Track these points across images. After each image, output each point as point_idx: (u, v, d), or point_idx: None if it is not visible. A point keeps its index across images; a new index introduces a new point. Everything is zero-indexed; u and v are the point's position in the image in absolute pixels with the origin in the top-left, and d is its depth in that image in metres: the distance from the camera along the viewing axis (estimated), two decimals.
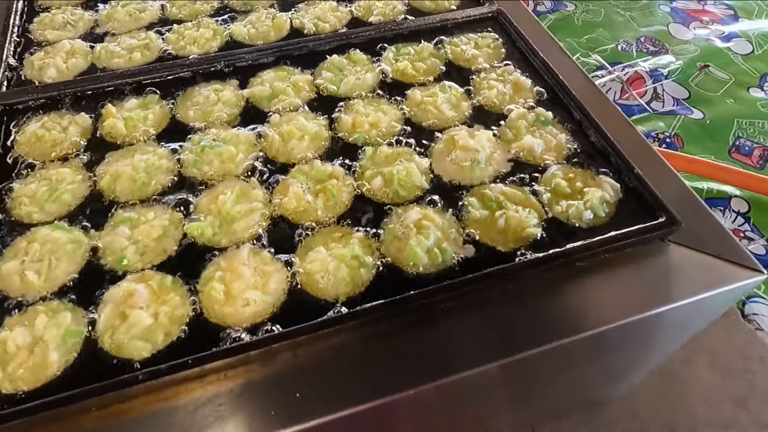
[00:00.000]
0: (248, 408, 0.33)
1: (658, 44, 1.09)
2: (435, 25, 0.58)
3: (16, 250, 0.40)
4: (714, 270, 0.40)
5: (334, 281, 0.38)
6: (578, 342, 0.37)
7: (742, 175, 0.84)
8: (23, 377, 0.34)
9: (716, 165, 0.85)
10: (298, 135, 0.47)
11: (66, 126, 0.48)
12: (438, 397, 0.38)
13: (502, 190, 0.43)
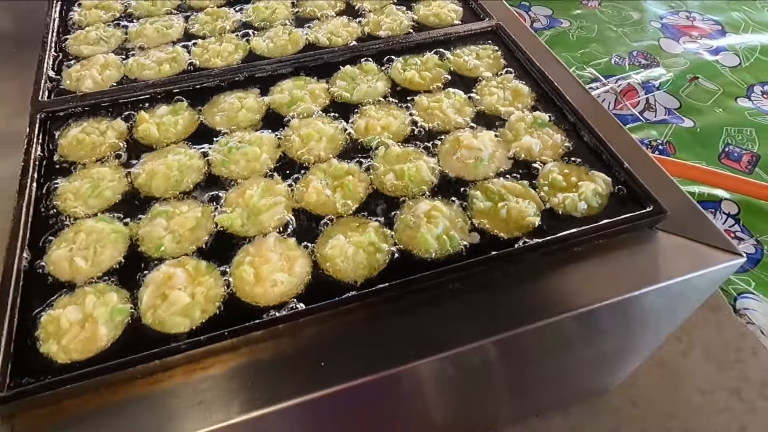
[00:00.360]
0: (277, 375, 0.37)
1: (650, 58, 1.14)
2: (439, 38, 0.63)
3: (64, 240, 0.44)
4: (698, 254, 0.44)
5: (352, 265, 0.42)
6: (574, 318, 0.41)
7: (732, 179, 0.89)
8: (76, 349, 0.38)
9: (707, 170, 0.90)
10: (316, 137, 0.51)
11: (104, 130, 0.53)
12: (446, 370, 0.41)
13: (504, 184, 0.48)
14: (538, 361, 0.48)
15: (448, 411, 0.52)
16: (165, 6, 0.69)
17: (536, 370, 0.51)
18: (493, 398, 0.56)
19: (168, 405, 0.36)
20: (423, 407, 0.48)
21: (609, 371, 0.60)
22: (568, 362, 0.52)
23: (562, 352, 0.48)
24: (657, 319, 0.48)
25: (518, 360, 0.46)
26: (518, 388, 0.55)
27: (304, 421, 0.39)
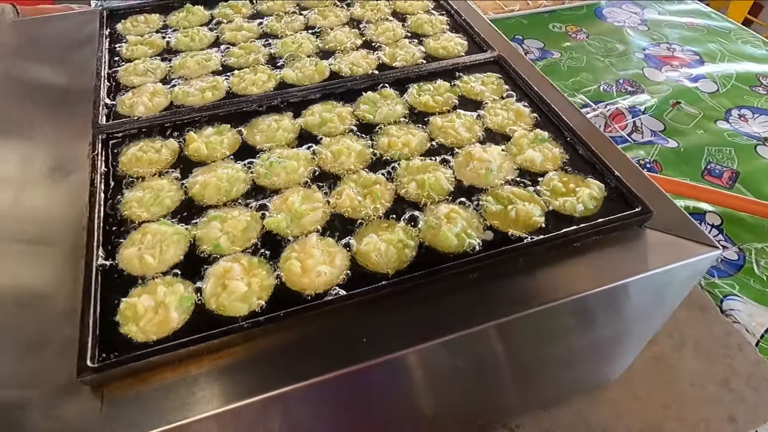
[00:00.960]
0: (326, 349, 0.43)
1: (635, 85, 1.24)
2: (448, 67, 0.72)
3: (132, 241, 0.50)
4: (681, 247, 0.51)
5: (385, 259, 0.49)
6: (575, 302, 0.47)
7: (715, 194, 0.97)
8: (152, 330, 0.44)
9: (692, 185, 0.98)
10: (346, 152, 0.59)
11: (159, 149, 0.60)
12: (467, 349, 0.48)
13: (512, 190, 0.55)
14: (544, 347, 0.55)
15: (465, 396, 0.58)
16: (202, 42, 0.78)
17: (542, 358, 0.57)
18: (502, 388, 0.61)
19: (231, 376, 0.42)
20: (442, 387, 0.54)
21: (608, 362, 0.66)
22: (570, 350, 0.58)
23: (565, 337, 0.54)
24: (647, 305, 0.54)
25: (526, 344, 0.52)
26: (525, 378, 0.61)
27: (350, 389, 0.45)
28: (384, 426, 0.54)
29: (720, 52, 1.34)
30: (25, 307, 0.47)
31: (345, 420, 0.50)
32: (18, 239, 0.52)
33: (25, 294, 0.48)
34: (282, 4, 0.86)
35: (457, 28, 0.81)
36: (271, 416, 0.44)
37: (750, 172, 1.02)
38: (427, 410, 0.56)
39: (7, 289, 0.48)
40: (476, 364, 0.52)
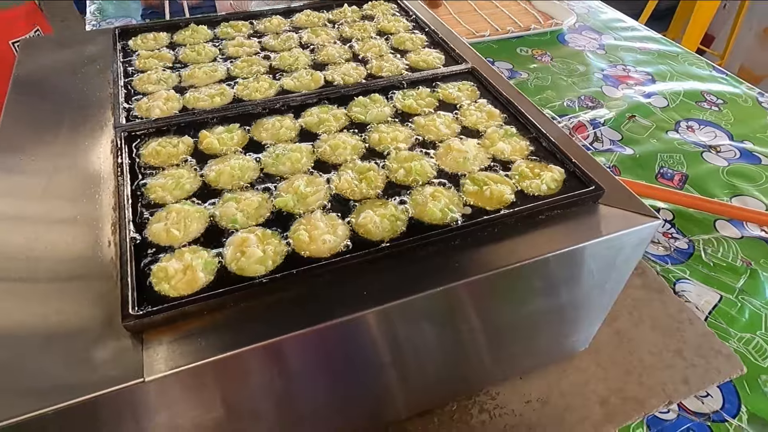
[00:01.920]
0: (334, 298, 0.51)
1: (595, 101, 1.37)
2: (428, 77, 0.82)
3: (159, 218, 0.58)
4: (629, 218, 0.61)
5: (380, 230, 0.57)
6: (539, 262, 0.56)
7: (667, 192, 1.08)
8: (181, 288, 0.50)
9: (647, 185, 1.09)
10: (343, 146, 0.68)
11: (176, 144, 0.67)
12: (451, 300, 0.56)
13: (486, 175, 0.64)
14: (517, 308, 0.63)
15: (450, 360, 0.66)
16: (207, 56, 0.86)
17: (516, 321, 0.65)
18: (482, 354, 0.69)
19: (251, 323, 0.49)
20: (430, 345, 0.61)
21: (574, 331, 0.74)
22: (539, 314, 0.66)
23: (534, 298, 0.63)
24: (603, 269, 0.63)
25: (502, 303, 0.61)
26: (501, 345, 0.69)
27: (352, 335, 0.53)
28: (378, 373, 0.61)
29: (669, 72, 1.49)
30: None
31: (345, 365, 0.57)
32: (55, 219, 0.59)
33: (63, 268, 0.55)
34: (278, 24, 0.96)
35: (434, 44, 0.92)
36: (285, 357, 0.51)
37: (697, 175, 1.15)
38: (418, 367, 0.63)
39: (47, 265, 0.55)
40: (460, 324, 0.60)
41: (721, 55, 3.45)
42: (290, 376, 0.54)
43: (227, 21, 0.96)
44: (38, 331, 0.48)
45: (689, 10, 3.30)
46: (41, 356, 0.46)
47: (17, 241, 0.57)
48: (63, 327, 0.49)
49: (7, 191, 0.63)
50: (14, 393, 0.43)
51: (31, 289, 0.52)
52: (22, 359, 0.46)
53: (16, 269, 0.54)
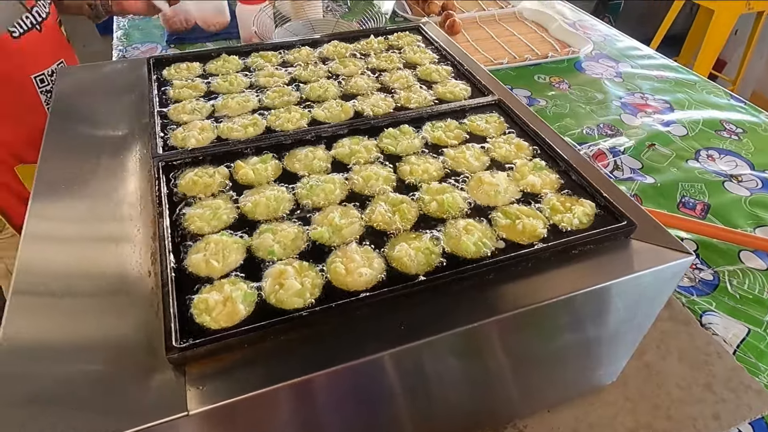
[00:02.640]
0: (369, 335, 0.51)
1: (614, 129, 1.38)
2: (456, 109, 0.83)
3: (197, 248, 0.59)
4: (661, 254, 0.61)
5: (415, 263, 0.58)
6: (573, 299, 0.56)
7: (690, 223, 1.08)
8: (222, 320, 0.51)
9: (670, 215, 1.09)
10: (375, 177, 0.69)
11: (212, 174, 0.69)
12: (486, 335, 0.56)
13: (518, 208, 0.65)
14: (548, 341, 0.63)
15: (480, 392, 0.66)
16: (239, 86, 0.89)
17: (547, 354, 0.65)
18: (512, 386, 0.69)
19: (290, 356, 0.50)
20: (464, 379, 0.61)
21: (603, 365, 0.74)
22: (570, 348, 0.66)
23: (565, 332, 0.63)
24: (635, 304, 0.63)
25: (534, 337, 0.61)
26: (531, 378, 0.69)
27: (393, 366, 0.53)
28: (410, 405, 0.61)
29: (687, 101, 1.50)
30: None
31: (379, 397, 0.57)
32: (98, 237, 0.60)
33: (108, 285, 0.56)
34: (306, 54, 0.98)
35: (460, 76, 0.93)
36: (325, 390, 0.51)
37: (719, 205, 1.15)
38: (447, 400, 0.63)
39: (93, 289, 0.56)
40: (490, 358, 0.60)
41: (733, 80, 3.47)
42: (328, 407, 0.54)
43: (257, 51, 0.98)
44: (83, 358, 0.49)
45: (701, 36, 3.33)
46: (84, 386, 0.47)
47: (59, 268, 0.58)
48: (107, 355, 0.49)
49: (50, 217, 0.65)
50: (60, 422, 0.44)
51: (72, 317, 0.53)
52: (67, 386, 0.47)
53: (59, 292, 0.55)
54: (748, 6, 3.05)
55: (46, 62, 1.13)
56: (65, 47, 1.24)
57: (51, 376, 0.48)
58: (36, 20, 1.09)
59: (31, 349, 0.50)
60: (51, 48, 1.16)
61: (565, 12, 2.01)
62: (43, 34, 1.12)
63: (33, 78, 1.11)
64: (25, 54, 1.08)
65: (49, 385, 0.47)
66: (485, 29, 1.79)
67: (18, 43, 1.06)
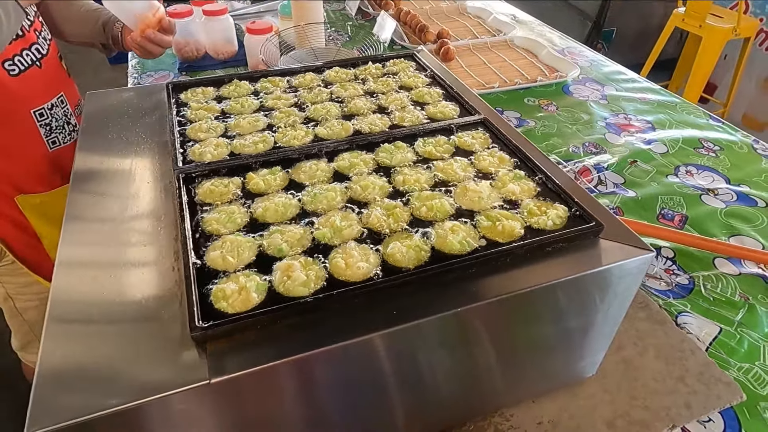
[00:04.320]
0: (367, 317, 0.59)
1: (599, 147, 1.47)
2: (446, 126, 0.92)
3: (215, 247, 0.67)
4: (626, 251, 0.69)
5: (407, 258, 0.65)
6: (549, 288, 0.64)
7: (668, 232, 1.16)
8: (237, 305, 0.59)
9: (650, 225, 1.17)
10: (372, 186, 0.77)
11: (227, 184, 0.77)
12: (470, 321, 0.64)
13: (498, 212, 0.73)
14: (528, 329, 0.70)
15: (468, 379, 0.73)
16: (250, 107, 0.98)
17: (527, 343, 0.73)
18: (498, 374, 0.76)
19: (297, 336, 0.57)
20: (451, 363, 0.69)
21: (582, 357, 0.81)
22: (548, 338, 0.73)
23: (542, 322, 0.70)
24: (605, 296, 0.71)
25: (514, 324, 0.68)
26: (515, 368, 0.76)
27: (386, 348, 0.60)
28: (401, 391, 0.68)
29: (668, 120, 1.59)
30: None
31: (373, 380, 0.64)
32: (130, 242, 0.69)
33: None
34: (311, 80, 1.08)
35: (450, 98, 1.03)
36: (326, 367, 0.58)
37: (697, 216, 1.23)
38: (437, 387, 0.70)
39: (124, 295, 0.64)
40: (476, 346, 0.67)
41: (724, 103, 3.58)
42: (328, 383, 0.61)
43: (266, 77, 1.08)
44: (121, 338, 0.57)
45: (691, 61, 3.45)
46: (118, 358, 0.54)
47: (92, 264, 0.66)
48: (140, 337, 0.57)
49: (90, 218, 0.73)
50: (102, 390, 0.51)
51: (108, 308, 0.61)
52: (107, 360, 0.54)
53: (100, 283, 0.63)
54: (735, 32, 3.19)
55: (46, 97, 1.15)
56: (65, 81, 1.25)
57: (95, 348, 0.55)
58: (36, 57, 1.11)
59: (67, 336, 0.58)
60: (51, 83, 1.18)
61: (554, 39, 2.13)
62: (44, 70, 1.14)
63: (32, 113, 1.11)
64: (24, 90, 1.10)
65: (92, 355, 0.55)
66: (478, 56, 1.90)
67: (18, 81, 1.06)
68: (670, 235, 1.15)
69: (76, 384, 0.52)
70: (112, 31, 1.30)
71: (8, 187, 1.11)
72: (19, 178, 1.12)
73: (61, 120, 1.20)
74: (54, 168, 1.19)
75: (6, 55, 1.02)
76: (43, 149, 1.16)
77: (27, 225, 1.15)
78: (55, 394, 0.51)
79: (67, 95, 1.23)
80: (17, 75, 1.08)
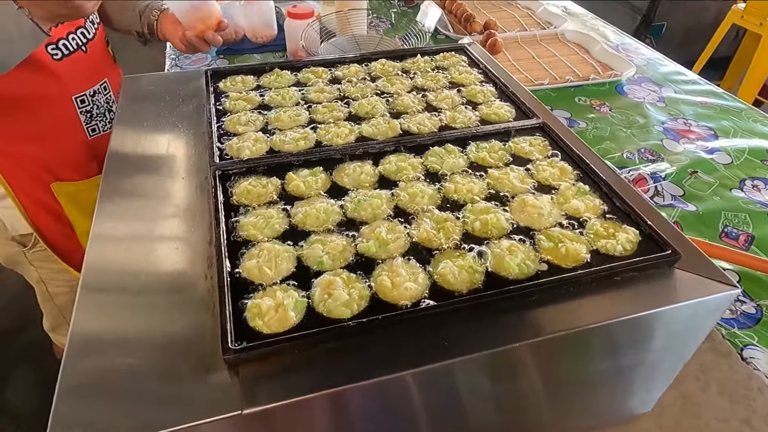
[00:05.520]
0: (415, 349, 0.53)
1: (656, 154, 1.37)
2: (500, 130, 0.85)
3: (251, 255, 0.62)
4: (705, 285, 0.61)
5: (458, 281, 0.59)
6: (613, 325, 0.57)
7: (733, 253, 1.06)
8: (274, 325, 0.54)
9: (712, 245, 1.08)
10: (420, 194, 0.71)
11: (265, 184, 0.72)
12: (526, 355, 0.57)
13: (561, 232, 0.66)
14: (587, 366, 0.63)
15: (516, 413, 0.67)
16: (291, 100, 0.92)
17: (585, 379, 0.66)
18: (548, 407, 0.70)
19: (337, 364, 0.52)
20: (502, 396, 0.62)
21: (639, 392, 0.74)
22: (607, 373, 0.66)
23: (604, 358, 0.63)
24: (675, 334, 0.63)
25: (573, 361, 0.61)
26: (568, 400, 0.70)
27: (433, 381, 0.55)
28: (445, 422, 0.62)
29: (733, 128, 1.47)
30: None
31: (418, 412, 0.59)
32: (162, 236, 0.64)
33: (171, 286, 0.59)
34: (355, 71, 1.02)
35: (504, 97, 0.95)
36: (367, 400, 0.53)
37: (764, 237, 1.12)
38: (485, 420, 0.64)
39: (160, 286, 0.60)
40: (528, 379, 0.61)
41: None
42: (368, 416, 0.56)
43: (308, 67, 1.02)
44: (146, 357, 0.52)
45: (747, 60, 3.25)
46: (146, 381, 0.50)
47: (120, 268, 0.62)
48: (166, 353, 0.53)
49: (118, 217, 0.69)
50: (123, 413, 0.47)
51: (133, 315, 0.57)
52: (131, 381, 0.50)
53: (127, 291, 0.59)
54: None
55: (89, 83, 1.10)
56: (110, 67, 1.21)
57: (115, 370, 0.51)
58: (82, 41, 1.07)
59: (99, 344, 0.54)
60: (95, 69, 1.14)
61: (607, 34, 2.01)
62: (89, 55, 1.11)
63: (74, 99, 1.08)
64: (67, 76, 1.06)
65: (112, 379, 0.50)
66: (526, 49, 1.80)
67: (61, 66, 1.03)
68: (735, 257, 1.06)
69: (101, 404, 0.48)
70: (148, 19, 1.26)
71: (45, 174, 1.08)
72: (56, 165, 1.09)
73: (102, 107, 1.14)
74: (91, 156, 1.14)
75: (50, 38, 0.98)
76: (82, 136, 1.11)
77: (62, 213, 1.12)
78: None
79: (111, 82, 1.19)
80: (60, 59, 1.04)
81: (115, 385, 0.50)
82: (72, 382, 0.50)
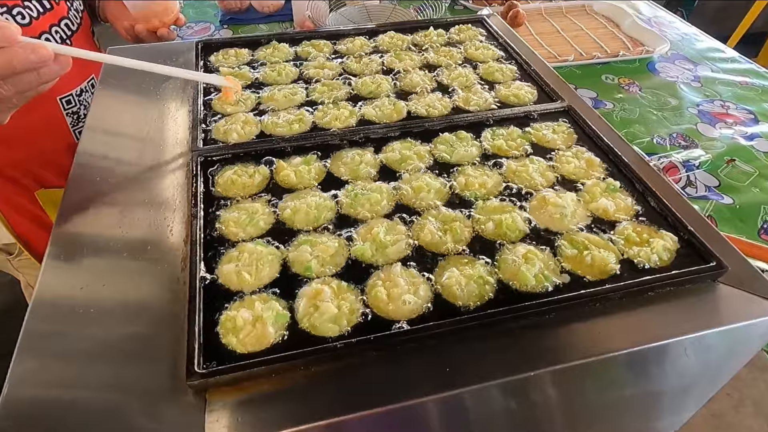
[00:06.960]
0: (409, 375, 0.45)
1: (689, 140, 1.26)
2: (520, 114, 0.75)
3: (230, 257, 0.54)
4: (755, 304, 0.52)
5: (465, 293, 0.51)
6: (645, 351, 0.49)
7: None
8: (249, 343, 0.47)
9: (750, 243, 0.98)
10: (426, 189, 0.62)
11: (252, 174, 0.64)
12: (540, 383, 0.49)
13: (587, 236, 0.57)
14: (612, 392, 0.56)
15: None
16: (288, 77, 0.84)
17: (609, 403, 0.58)
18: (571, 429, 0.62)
19: (319, 393, 0.45)
20: (513, 425, 0.55)
21: (668, 414, 0.66)
22: (636, 398, 0.58)
23: (632, 384, 0.55)
24: (716, 359, 0.55)
25: (598, 387, 0.53)
26: (592, 422, 0.62)
27: (432, 413, 0.47)
28: None
29: None
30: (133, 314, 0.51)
31: None
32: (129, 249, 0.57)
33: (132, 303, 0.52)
34: (360, 45, 0.92)
35: (526, 77, 0.85)
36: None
37: None
38: None
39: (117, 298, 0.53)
40: (547, 406, 0.53)
41: None
42: None
43: (309, 39, 0.93)
44: (104, 372, 0.46)
45: None
46: (104, 406, 0.44)
47: (88, 260, 0.55)
48: (126, 374, 0.46)
49: (85, 204, 0.62)
50: None
51: (98, 319, 0.50)
52: (91, 401, 0.43)
53: (85, 287, 0.52)
54: None
55: (75, 81, 1.00)
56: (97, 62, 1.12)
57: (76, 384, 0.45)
58: (66, 34, 0.96)
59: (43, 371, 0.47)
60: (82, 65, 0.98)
61: (639, 7, 1.86)
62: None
63: (58, 99, 0.98)
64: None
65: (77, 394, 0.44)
66: (551, 22, 1.67)
67: None
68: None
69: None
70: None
71: (29, 180, 0.99)
72: (41, 171, 0.99)
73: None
74: None
75: (32, 33, 0.88)
76: (69, 140, 0.99)
77: (47, 221, 1.04)
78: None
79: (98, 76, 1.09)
80: None
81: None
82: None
